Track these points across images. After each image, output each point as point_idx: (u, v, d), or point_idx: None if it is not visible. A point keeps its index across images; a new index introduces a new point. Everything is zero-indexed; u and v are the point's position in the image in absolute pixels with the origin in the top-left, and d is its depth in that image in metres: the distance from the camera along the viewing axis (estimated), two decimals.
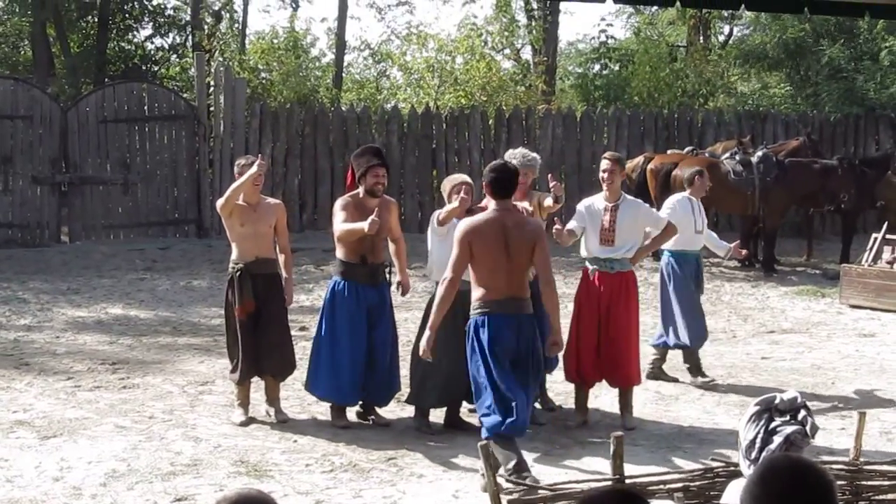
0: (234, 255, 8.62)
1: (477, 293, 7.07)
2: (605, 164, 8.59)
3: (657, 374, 10.06)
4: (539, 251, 7.08)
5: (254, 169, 8.37)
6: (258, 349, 8.51)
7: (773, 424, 4.57)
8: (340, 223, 8.31)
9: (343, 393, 8.46)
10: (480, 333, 7.04)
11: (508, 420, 6.95)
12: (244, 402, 8.69)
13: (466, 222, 7.16)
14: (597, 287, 8.45)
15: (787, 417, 4.63)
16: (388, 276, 8.60)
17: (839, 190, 15.91)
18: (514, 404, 6.94)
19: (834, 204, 16.28)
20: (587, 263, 8.60)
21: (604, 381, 8.77)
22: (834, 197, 16.17)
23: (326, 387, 8.48)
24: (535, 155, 9.11)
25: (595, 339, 8.45)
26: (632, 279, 8.59)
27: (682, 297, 9.84)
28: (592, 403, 9.13)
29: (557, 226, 8.24)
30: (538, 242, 7.09)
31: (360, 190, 8.44)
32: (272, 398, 8.73)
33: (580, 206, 8.63)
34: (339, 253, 8.52)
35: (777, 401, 4.67)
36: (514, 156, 8.88)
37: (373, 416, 8.65)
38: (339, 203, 8.48)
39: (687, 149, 17.83)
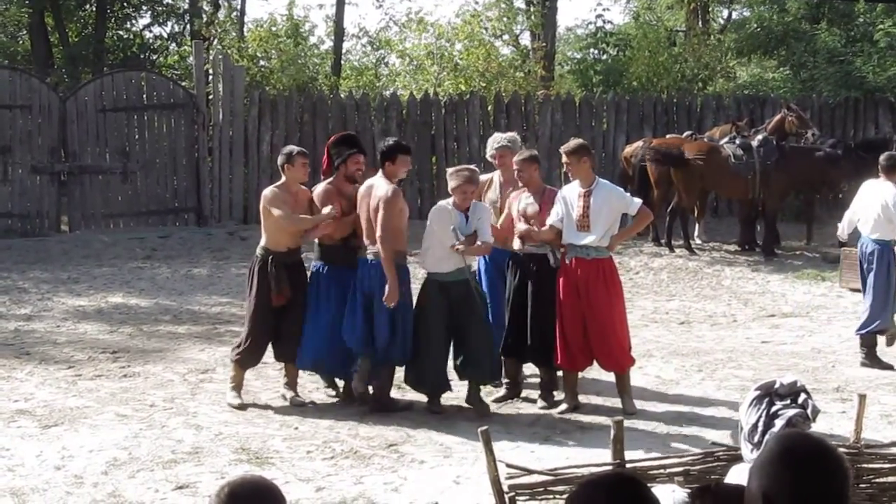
0: (264, 242, 8.73)
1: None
2: (563, 157, 8.65)
3: (873, 361, 10.00)
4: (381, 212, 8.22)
5: (328, 210, 8.48)
6: (280, 336, 8.66)
7: (774, 408, 4.58)
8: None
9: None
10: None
11: (350, 341, 8.42)
12: (239, 385, 8.80)
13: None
14: (574, 273, 8.43)
15: (788, 401, 4.64)
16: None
17: (840, 179, 15.91)
18: (355, 332, 8.38)
19: (833, 192, 16.26)
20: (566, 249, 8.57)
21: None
22: (834, 185, 16.16)
23: (312, 355, 8.65)
24: (509, 135, 9.30)
25: (580, 325, 8.45)
26: (608, 266, 8.54)
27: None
28: (593, 389, 9.15)
29: (527, 229, 8.45)
30: (381, 205, 8.16)
31: (337, 176, 8.65)
32: (292, 384, 8.87)
33: (558, 195, 8.61)
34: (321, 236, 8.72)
35: (777, 385, 4.68)
36: (493, 142, 9.17)
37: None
38: (321, 191, 8.63)
39: (686, 133, 17.81)
